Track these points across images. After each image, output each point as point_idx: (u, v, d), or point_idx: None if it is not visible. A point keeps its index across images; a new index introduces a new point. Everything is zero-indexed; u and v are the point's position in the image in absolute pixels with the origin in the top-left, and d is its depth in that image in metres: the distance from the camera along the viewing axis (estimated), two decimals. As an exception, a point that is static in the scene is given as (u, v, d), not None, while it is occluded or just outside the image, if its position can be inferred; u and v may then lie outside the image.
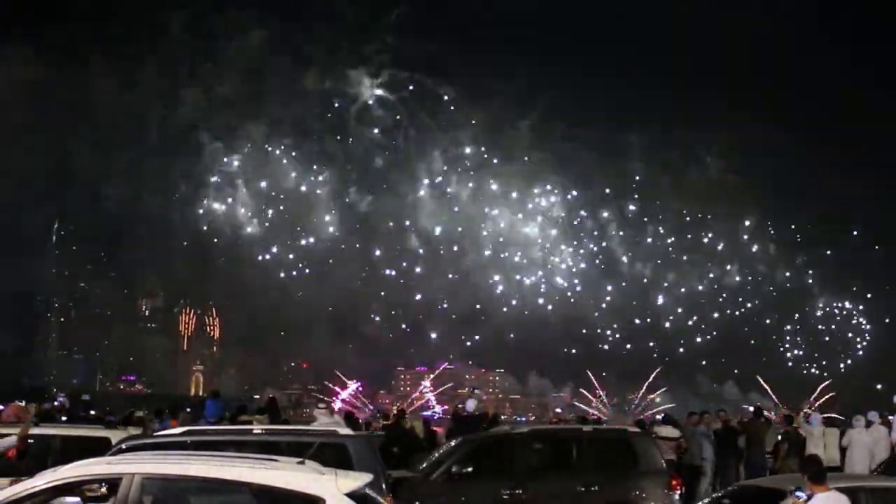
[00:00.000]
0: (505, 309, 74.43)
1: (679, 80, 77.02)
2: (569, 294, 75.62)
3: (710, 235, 78.14)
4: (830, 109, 76.59)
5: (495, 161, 71.64)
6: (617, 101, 74.51)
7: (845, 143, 75.70)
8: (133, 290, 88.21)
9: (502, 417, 30.84)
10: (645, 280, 77.74)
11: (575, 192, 74.83)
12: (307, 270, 70.25)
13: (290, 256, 70.13)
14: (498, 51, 73.07)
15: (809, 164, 73.14)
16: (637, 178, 74.75)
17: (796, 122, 75.13)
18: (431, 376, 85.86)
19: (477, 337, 77.84)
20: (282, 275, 69.69)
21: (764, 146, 73.05)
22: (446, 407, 18.59)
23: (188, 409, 22.01)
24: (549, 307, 75.10)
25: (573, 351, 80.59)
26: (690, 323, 79.26)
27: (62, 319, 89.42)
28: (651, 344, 79.49)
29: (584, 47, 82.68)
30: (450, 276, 71.85)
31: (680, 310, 78.40)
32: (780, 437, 19.15)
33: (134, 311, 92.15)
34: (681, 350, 79.66)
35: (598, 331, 77.27)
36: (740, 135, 71.26)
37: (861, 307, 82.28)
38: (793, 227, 79.89)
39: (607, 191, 75.28)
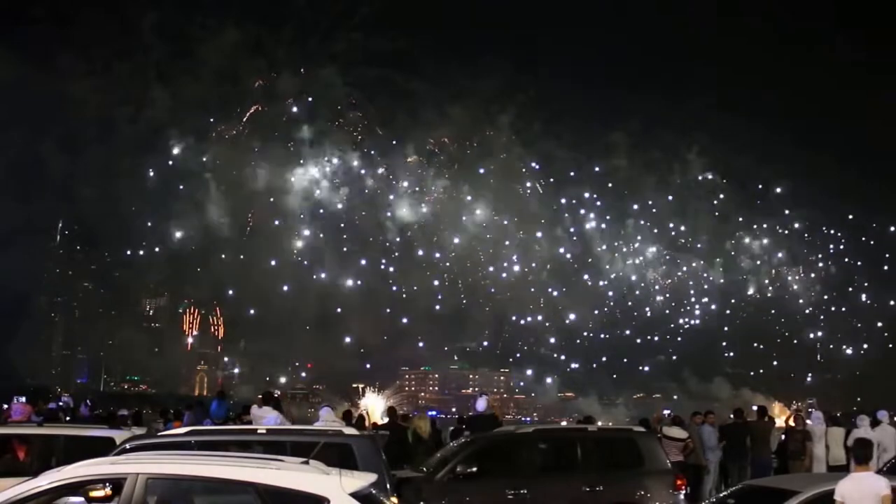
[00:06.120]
0: (487, 308, 74.55)
1: (660, 79, 77.57)
2: (553, 297, 75.62)
3: (693, 233, 78.21)
4: (815, 108, 77.03)
5: (473, 156, 71.58)
6: (597, 98, 74.84)
7: (831, 140, 76.16)
8: (137, 289, 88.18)
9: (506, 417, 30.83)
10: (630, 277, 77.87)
11: (555, 188, 74.80)
12: (289, 271, 70.17)
13: (273, 257, 69.99)
14: (474, 48, 73.38)
15: (794, 162, 73.56)
16: (619, 176, 74.81)
17: (782, 120, 75.66)
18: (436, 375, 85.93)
19: (487, 339, 77.90)
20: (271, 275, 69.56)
21: (746, 144, 73.46)
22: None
23: (189, 410, 21.90)
24: (532, 305, 75.10)
25: (556, 349, 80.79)
26: (676, 322, 79.45)
27: (66, 319, 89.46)
28: (637, 340, 79.68)
29: (562, 45, 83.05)
30: (429, 273, 71.82)
31: (663, 307, 78.59)
32: (783, 437, 19.10)
33: (138, 310, 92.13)
34: (669, 349, 79.85)
35: (576, 326, 77.22)
36: (722, 133, 71.67)
37: (843, 308, 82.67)
38: (778, 228, 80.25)
39: (588, 190, 75.26)
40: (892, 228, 79.72)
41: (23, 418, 17.71)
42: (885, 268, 79.70)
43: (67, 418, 23.09)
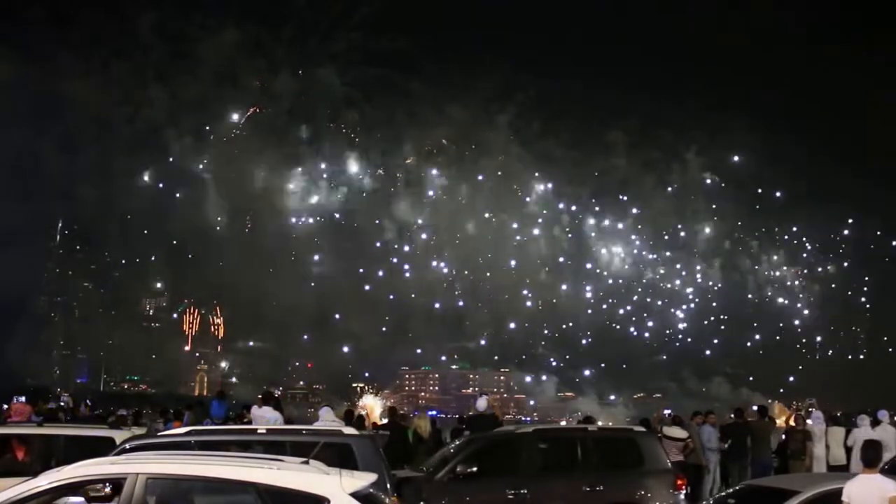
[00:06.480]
0: (482, 306, 74.42)
1: (658, 79, 77.66)
2: (551, 297, 75.43)
3: (692, 233, 78.06)
4: (815, 108, 77.13)
5: (472, 156, 71.36)
6: (596, 97, 74.79)
7: (827, 140, 76.25)
8: (137, 289, 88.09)
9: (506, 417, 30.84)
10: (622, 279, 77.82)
11: (553, 188, 74.60)
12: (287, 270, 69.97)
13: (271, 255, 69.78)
14: (474, 48, 73.44)
15: (790, 161, 73.65)
16: (617, 176, 74.66)
17: (778, 120, 75.77)
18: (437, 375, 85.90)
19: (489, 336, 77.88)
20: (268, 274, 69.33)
21: (744, 144, 73.45)
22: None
23: (189, 410, 21.94)
24: (530, 305, 74.95)
25: (555, 349, 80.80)
26: (674, 322, 79.42)
27: (66, 319, 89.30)
28: (636, 340, 79.70)
29: (561, 44, 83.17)
30: (428, 274, 71.63)
31: (662, 307, 78.56)
32: (783, 437, 19.12)
33: (138, 310, 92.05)
34: (668, 348, 79.90)
35: (575, 325, 77.05)
36: (722, 133, 71.68)
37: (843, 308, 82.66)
38: (776, 228, 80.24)
39: (587, 190, 75.11)
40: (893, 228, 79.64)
41: (22, 418, 17.73)
42: (886, 267, 79.64)
43: (67, 418, 23.11)
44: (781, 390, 73.96)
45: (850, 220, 78.94)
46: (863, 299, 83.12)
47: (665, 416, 21.39)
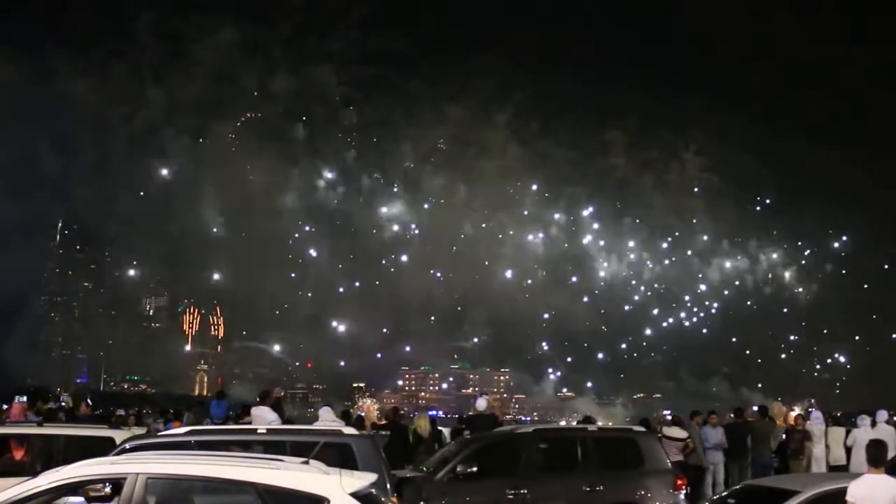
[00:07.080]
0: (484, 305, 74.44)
1: (658, 78, 77.72)
2: (550, 297, 75.32)
3: (690, 233, 78.01)
4: (813, 107, 77.22)
5: (471, 156, 71.23)
6: (594, 97, 74.85)
7: (828, 140, 76.36)
8: (137, 289, 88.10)
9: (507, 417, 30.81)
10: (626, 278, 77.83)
11: (552, 188, 74.50)
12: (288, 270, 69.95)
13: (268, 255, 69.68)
14: (472, 47, 73.43)
15: (790, 161, 73.76)
16: (616, 175, 74.63)
17: (778, 120, 75.83)
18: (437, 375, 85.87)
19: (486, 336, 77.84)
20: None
21: (744, 144, 73.56)
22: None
23: (188, 410, 21.94)
24: (527, 304, 74.90)
25: (554, 349, 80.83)
26: (672, 321, 79.45)
27: (66, 319, 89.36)
28: (634, 340, 79.82)
29: (560, 44, 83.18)
30: (426, 275, 71.54)
31: (660, 306, 78.57)
32: (783, 437, 19.11)
33: (138, 310, 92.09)
34: (666, 348, 79.99)
35: (573, 325, 76.99)
36: (720, 132, 71.76)
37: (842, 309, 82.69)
38: (774, 231, 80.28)
39: (585, 190, 75.03)
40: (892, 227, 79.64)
41: (18, 417, 17.74)
42: (885, 267, 79.71)
43: (65, 418, 23.10)
44: (780, 395, 73.89)
45: (850, 222, 78.94)
46: (863, 297, 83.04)
47: (665, 416, 21.36)
